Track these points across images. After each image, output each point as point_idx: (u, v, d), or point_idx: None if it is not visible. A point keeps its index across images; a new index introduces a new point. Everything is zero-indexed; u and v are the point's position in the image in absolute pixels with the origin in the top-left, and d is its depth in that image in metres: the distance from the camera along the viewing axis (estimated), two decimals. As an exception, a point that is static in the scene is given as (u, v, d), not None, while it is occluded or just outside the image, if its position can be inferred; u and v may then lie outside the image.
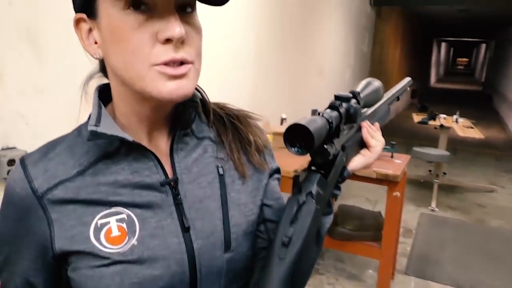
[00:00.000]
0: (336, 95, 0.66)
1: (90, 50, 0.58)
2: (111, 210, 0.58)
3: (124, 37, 0.53)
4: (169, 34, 0.53)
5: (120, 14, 0.53)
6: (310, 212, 0.59)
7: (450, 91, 18.51)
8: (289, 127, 0.56)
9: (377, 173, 2.53)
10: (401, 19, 9.33)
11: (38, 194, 0.58)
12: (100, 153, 0.60)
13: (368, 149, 0.72)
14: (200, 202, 0.63)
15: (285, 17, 3.50)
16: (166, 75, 0.54)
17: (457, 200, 4.73)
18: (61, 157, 0.60)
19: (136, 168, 0.60)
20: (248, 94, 3.05)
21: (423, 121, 5.08)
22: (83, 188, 0.59)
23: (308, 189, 0.60)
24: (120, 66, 0.55)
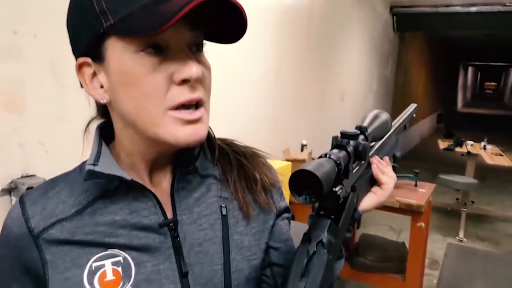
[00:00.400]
0: (342, 132, 0.63)
1: (95, 95, 0.57)
2: (106, 252, 0.57)
3: (138, 81, 0.52)
4: (186, 75, 0.52)
5: (132, 58, 0.52)
6: (322, 264, 0.54)
7: (478, 115, 18.10)
8: (294, 173, 0.53)
9: (400, 202, 2.45)
10: (425, 44, 9.26)
11: (34, 233, 0.57)
12: (99, 191, 0.59)
13: (380, 186, 0.68)
14: (200, 245, 0.61)
15: (305, 43, 3.51)
16: (182, 120, 0.53)
17: (486, 230, 4.54)
18: (60, 196, 0.59)
19: (135, 208, 0.59)
20: (268, 120, 3.05)
21: (449, 148, 4.95)
22: (80, 228, 0.57)
23: (318, 237, 0.56)
24: (133, 111, 0.54)
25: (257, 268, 0.65)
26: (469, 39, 10.81)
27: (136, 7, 0.51)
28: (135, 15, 0.50)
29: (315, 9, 3.58)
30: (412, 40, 7.80)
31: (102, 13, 0.52)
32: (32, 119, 1.48)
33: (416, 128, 9.59)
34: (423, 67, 9.52)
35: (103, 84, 0.56)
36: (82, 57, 0.56)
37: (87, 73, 0.56)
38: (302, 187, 0.53)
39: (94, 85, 0.57)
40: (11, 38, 1.40)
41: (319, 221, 0.58)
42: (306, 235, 0.57)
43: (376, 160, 0.69)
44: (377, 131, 0.68)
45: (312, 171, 0.51)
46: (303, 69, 3.52)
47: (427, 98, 10.61)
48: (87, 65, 0.56)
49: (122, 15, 0.51)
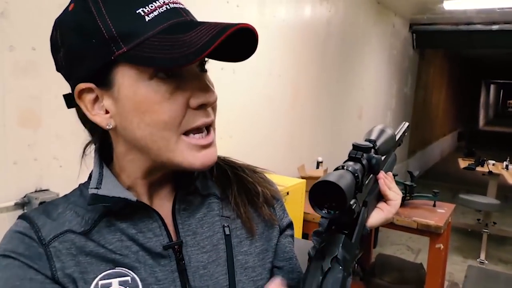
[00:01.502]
0: (355, 145, 0.61)
1: (100, 121, 0.54)
2: (115, 270, 0.55)
3: (154, 108, 0.51)
4: (204, 100, 0.52)
5: (146, 85, 0.50)
6: (337, 281, 0.52)
7: (501, 134, 17.69)
8: (315, 185, 0.51)
9: (418, 223, 2.39)
10: (446, 61, 9.15)
11: (45, 242, 0.55)
12: (103, 210, 0.58)
13: (386, 203, 0.67)
14: (205, 268, 0.59)
15: (323, 60, 3.51)
16: (198, 146, 0.53)
17: (509, 253, 4.38)
18: (65, 216, 0.58)
19: (141, 229, 0.58)
20: (284, 137, 3.03)
21: (470, 167, 4.83)
22: (89, 242, 0.56)
23: (333, 253, 0.54)
24: (146, 138, 0.52)
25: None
26: (491, 57, 10.65)
27: (151, 33, 0.49)
28: (153, 44, 0.48)
29: (333, 26, 3.59)
30: (433, 57, 7.72)
31: (112, 39, 0.49)
32: (47, 135, 1.50)
33: (437, 146, 9.42)
34: (444, 84, 9.39)
35: (109, 109, 0.54)
36: (84, 83, 0.53)
37: (88, 98, 0.54)
38: (323, 199, 0.52)
39: (96, 110, 0.54)
40: (29, 55, 1.43)
41: (333, 237, 0.56)
42: (319, 252, 0.55)
43: (383, 175, 0.67)
44: (384, 146, 0.67)
45: (336, 182, 0.49)
46: (320, 86, 3.51)
47: (447, 116, 10.44)
48: (89, 90, 0.54)
49: (135, 42, 0.49)
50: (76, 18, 0.51)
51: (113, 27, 0.49)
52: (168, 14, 0.50)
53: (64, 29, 0.53)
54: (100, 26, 0.49)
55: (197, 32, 0.48)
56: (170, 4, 0.52)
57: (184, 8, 0.54)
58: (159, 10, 0.50)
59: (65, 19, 0.53)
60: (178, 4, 0.53)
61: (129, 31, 0.49)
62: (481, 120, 20.23)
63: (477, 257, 4.13)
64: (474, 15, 5.13)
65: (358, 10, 4.10)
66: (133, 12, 0.49)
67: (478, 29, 5.48)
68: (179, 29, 0.49)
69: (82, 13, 0.51)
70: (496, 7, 4.59)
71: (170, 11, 0.51)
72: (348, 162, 0.59)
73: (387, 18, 4.92)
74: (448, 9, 4.73)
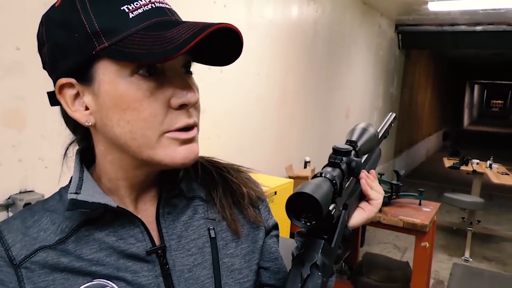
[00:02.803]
0: (335, 149, 0.60)
1: (79, 117, 0.54)
2: (93, 282, 0.54)
3: (134, 105, 0.50)
4: (185, 100, 0.52)
5: (127, 82, 0.50)
6: (317, 287, 0.52)
7: (484, 133, 17.98)
8: (292, 196, 0.51)
9: (404, 222, 2.42)
10: (431, 62, 9.27)
11: (16, 262, 0.53)
12: (82, 218, 0.56)
13: (368, 202, 0.66)
14: (190, 271, 0.59)
15: (311, 60, 3.52)
16: (179, 140, 0.53)
17: (492, 250, 4.46)
18: (40, 224, 0.56)
19: (122, 235, 0.56)
20: (272, 136, 3.04)
21: (455, 166, 4.90)
22: (64, 256, 0.54)
23: (311, 260, 0.54)
24: (126, 135, 0.52)
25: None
26: (475, 57, 10.82)
27: (133, 30, 0.49)
28: (135, 40, 0.48)
29: (320, 27, 3.61)
30: (418, 57, 7.81)
31: (95, 34, 0.49)
32: (32, 135, 1.48)
33: (422, 145, 9.54)
34: (429, 84, 9.51)
35: (89, 106, 0.53)
36: (65, 77, 0.52)
37: (69, 93, 0.53)
38: (299, 209, 0.51)
39: (77, 107, 0.54)
40: (13, 55, 1.41)
41: (311, 243, 0.56)
42: (298, 257, 0.55)
43: (365, 175, 0.67)
44: (366, 145, 0.66)
45: (311, 193, 0.49)
46: (307, 86, 3.53)
47: (432, 116, 10.57)
48: (70, 86, 0.53)
49: (117, 38, 0.49)
50: (62, 13, 0.51)
51: (97, 22, 0.49)
52: (153, 13, 0.50)
53: (50, 24, 0.53)
54: (83, 21, 0.49)
55: (178, 29, 0.48)
56: (156, 3, 0.52)
57: (170, 8, 0.54)
58: (144, 8, 0.50)
59: (51, 15, 0.53)
60: (164, 4, 0.53)
61: (112, 27, 0.49)
62: (465, 120, 20.53)
63: (462, 255, 4.19)
64: (458, 16, 5.21)
65: (345, 10, 4.13)
66: (118, 9, 0.49)
67: (462, 30, 5.57)
68: (162, 27, 0.49)
69: (67, 9, 0.51)
70: (480, 8, 4.67)
71: (155, 10, 0.51)
72: (327, 168, 0.58)
73: (373, 19, 4.96)
74: (433, 10, 4.79)
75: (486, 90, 31.85)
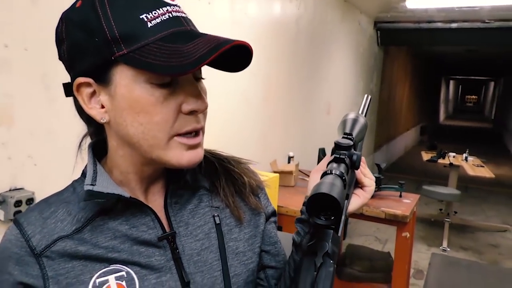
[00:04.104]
0: (338, 144, 0.63)
1: (95, 114, 0.57)
2: (109, 267, 0.58)
3: (147, 109, 0.53)
4: (195, 107, 0.55)
5: (142, 87, 0.53)
6: (329, 274, 0.56)
7: (459, 128, 18.44)
8: (311, 197, 0.53)
9: (386, 213, 2.49)
10: (408, 58, 9.46)
11: (36, 252, 0.57)
12: (97, 209, 0.60)
13: (362, 189, 0.70)
14: (198, 255, 0.63)
15: (293, 57, 3.57)
16: (186, 145, 0.57)
17: (469, 240, 4.62)
18: (57, 215, 0.60)
19: (134, 223, 0.60)
20: (256, 132, 3.08)
21: (432, 160, 5.05)
22: (82, 245, 0.58)
23: (324, 249, 0.57)
24: (139, 136, 0.55)
25: (253, 271, 0.69)
26: (451, 54, 11.08)
27: (151, 39, 0.51)
28: (152, 49, 0.51)
29: (303, 24, 3.66)
30: (396, 54, 7.96)
31: (114, 40, 0.51)
32: (21, 133, 1.48)
33: (401, 140, 9.73)
34: (407, 80, 9.70)
35: (105, 105, 0.56)
36: (83, 77, 0.55)
37: (86, 92, 0.56)
38: (319, 208, 0.54)
39: (93, 104, 0.57)
40: (1, 52, 1.41)
41: (322, 234, 0.59)
42: (310, 248, 0.59)
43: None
44: (359, 135, 0.70)
45: (329, 193, 0.52)
46: (291, 83, 3.58)
47: (410, 111, 10.79)
48: (87, 85, 0.56)
49: (136, 46, 0.51)
50: (82, 15, 0.54)
51: (116, 29, 0.52)
52: (170, 22, 0.53)
53: (70, 23, 0.55)
54: (104, 26, 0.52)
55: (195, 44, 0.51)
56: (173, 12, 0.54)
57: (186, 17, 0.56)
58: (162, 17, 0.53)
59: (71, 14, 0.55)
60: (181, 13, 0.56)
61: (131, 34, 0.51)
62: (441, 115, 20.99)
63: (440, 245, 4.33)
64: (435, 13, 5.34)
65: (326, 8, 4.19)
66: (137, 17, 0.52)
67: (438, 27, 5.70)
68: (178, 39, 0.52)
69: (88, 12, 0.53)
70: (455, 6, 4.81)
71: (172, 20, 0.54)
72: (333, 164, 0.61)
73: (353, 16, 5.05)
74: (411, 7, 4.91)
75: (461, 85, 32.58)
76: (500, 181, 7.52)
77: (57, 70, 1.55)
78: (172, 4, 0.55)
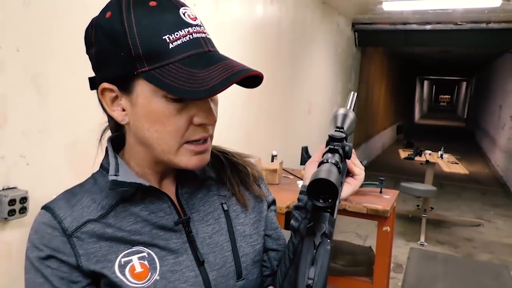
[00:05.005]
0: (332, 137, 0.70)
1: (116, 116, 0.63)
2: (132, 249, 0.63)
3: (162, 120, 0.59)
4: (205, 122, 0.61)
5: (159, 101, 0.59)
6: (327, 251, 0.62)
7: (434, 126, 18.92)
8: (311, 182, 0.59)
9: (367, 208, 2.59)
10: (385, 59, 9.68)
11: (68, 232, 0.62)
12: (119, 197, 0.65)
13: (353, 177, 0.76)
14: (210, 238, 0.69)
15: (276, 58, 3.64)
16: (194, 151, 0.63)
17: (445, 234, 4.78)
18: (83, 202, 0.65)
19: (152, 210, 0.66)
20: (241, 133, 3.13)
21: (410, 157, 5.20)
22: (108, 228, 0.63)
23: (321, 230, 0.63)
24: (154, 140, 0.61)
25: (260, 252, 0.76)
26: (425, 55, 11.38)
27: (172, 60, 0.56)
28: (171, 70, 0.56)
29: (284, 26, 3.73)
30: (373, 55, 8.15)
31: (138, 58, 0.56)
32: (13, 132, 1.49)
33: (378, 139, 9.95)
34: (383, 80, 9.92)
35: (125, 108, 0.62)
36: (108, 83, 0.61)
37: (109, 96, 0.62)
38: (317, 192, 0.60)
39: (115, 107, 0.63)
40: (-6, 52, 1.42)
41: (320, 217, 0.65)
42: (310, 229, 0.65)
43: None
44: (350, 129, 0.77)
45: (327, 178, 0.58)
46: (273, 83, 3.65)
47: (387, 110, 11.03)
48: (111, 90, 0.62)
49: (157, 65, 0.56)
50: (111, 26, 0.58)
51: (141, 47, 0.56)
52: (191, 44, 0.58)
53: (99, 30, 0.60)
54: (129, 43, 0.56)
55: (210, 72, 0.56)
56: (194, 34, 0.59)
57: (206, 37, 0.61)
58: (183, 39, 0.57)
59: (101, 23, 0.60)
60: (201, 34, 0.60)
61: (153, 53, 0.56)
62: (416, 114, 21.47)
63: (417, 240, 4.48)
64: (410, 15, 5.51)
65: (306, 9, 4.27)
66: (160, 37, 0.56)
67: (413, 29, 5.89)
68: (196, 63, 0.57)
69: (116, 24, 0.57)
70: (429, 8, 4.97)
71: (192, 42, 0.58)
72: (328, 154, 0.67)
73: (331, 18, 5.16)
74: (387, 9, 5.05)
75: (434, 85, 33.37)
76: (473, 178, 7.79)
77: (49, 71, 1.58)
78: (194, 25, 0.59)
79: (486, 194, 6.82)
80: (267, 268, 0.78)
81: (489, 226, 5.16)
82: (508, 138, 8.00)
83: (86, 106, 1.60)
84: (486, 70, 13.38)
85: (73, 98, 1.67)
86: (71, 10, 1.62)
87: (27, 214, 1.51)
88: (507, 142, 8.00)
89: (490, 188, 7.31)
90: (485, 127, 11.96)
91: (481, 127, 12.92)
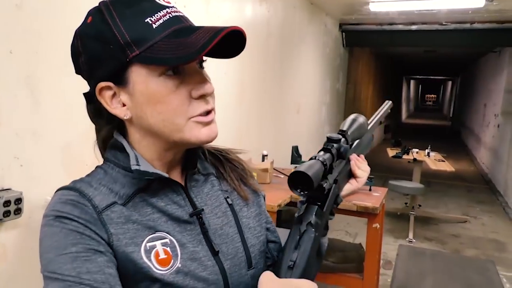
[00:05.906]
0: (328, 137, 0.77)
1: (119, 113, 0.65)
2: (156, 234, 0.65)
3: (164, 99, 0.62)
4: (203, 92, 0.64)
5: (156, 81, 0.61)
6: (310, 239, 0.68)
7: (421, 126, 19.15)
8: (292, 173, 0.66)
9: (357, 206, 2.63)
10: (372, 59, 9.78)
11: (99, 209, 0.63)
12: (135, 188, 0.67)
13: (355, 179, 0.84)
14: (221, 229, 0.73)
15: (265, 59, 3.67)
16: (202, 123, 0.65)
17: (432, 231, 4.86)
18: (101, 191, 0.66)
19: (167, 202, 0.69)
20: (231, 133, 3.16)
21: (397, 156, 5.27)
22: (134, 212, 0.65)
23: (307, 220, 0.70)
24: (160, 124, 0.63)
25: (264, 243, 0.80)
26: (411, 55, 11.53)
27: (158, 38, 0.60)
28: (161, 46, 0.59)
29: (273, 26, 3.77)
30: (360, 55, 8.23)
31: (127, 44, 0.60)
32: (7, 134, 1.50)
33: (366, 138, 10.02)
34: (371, 80, 10.03)
35: (126, 103, 0.65)
36: (104, 82, 0.63)
37: (108, 94, 0.64)
38: (298, 183, 0.66)
39: (115, 104, 0.65)
40: (-13, 55, 1.42)
41: (308, 208, 0.72)
42: (298, 219, 0.71)
43: (354, 157, 0.85)
44: (355, 133, 0.83)
45: (305, 171, 0.64)
46: (263, 83, 3.68)
47: (374, 110, 11.06)
48: (108, 88, 0.64)
49: (146, 46, 0.60)
50: (95, 28, 0.62)
51: (127, 34, 0.60)
52: (171, 21, 0.62)
53: (85, 37, 0.63)
54: (116, 34, 0.60)
55: (196, 35, 0.60)
56: (172, 13, 0.63)
57: (183, 15, 0.66)
58: (164, 18, 0.62)
59: (85, 30, 0.64)
60: (178, 13, 0.65)
61: (140, 37, 0.60)
62: (403, 114, 21.70)
63: (406, 237, 4.54)
64: (396, 16, 5.59)
65: (294, 10, 4.32)
66: (143, 21, 0.61)
67: (399, 29, 5.98)
68: (181, 34, 0.61)
69: (100, 24, 0.62)
70: (415, 9, 5.05)
71: (173, 19, 0.63)
72: (319, 152, 0.73)
73: (319, 18, 5.21)
74: (374, 10, 5.12)
75: (421, 85, 33.75)
76: (459, 175, 7.92)
77: (42, 73, 1.59)
78: (169, 6, 0.64)
79: (472, 191, 6.95)
80: (268, 258, 0.82)
81: (475, 222, 5.26)
82: (492, 136, 8.15)
83: (79, 107, 1.60)
84: (470, 69, 13.60)
85: (66, 99, 1.68)
86: (64, 12, 1.63)
87: (21, 215, 1.52)
88: (492, 140, 8.16)
89: (475, 185, 7.44)
90: (470, 125, 12.16)
91: (467, 126, 13.12)
